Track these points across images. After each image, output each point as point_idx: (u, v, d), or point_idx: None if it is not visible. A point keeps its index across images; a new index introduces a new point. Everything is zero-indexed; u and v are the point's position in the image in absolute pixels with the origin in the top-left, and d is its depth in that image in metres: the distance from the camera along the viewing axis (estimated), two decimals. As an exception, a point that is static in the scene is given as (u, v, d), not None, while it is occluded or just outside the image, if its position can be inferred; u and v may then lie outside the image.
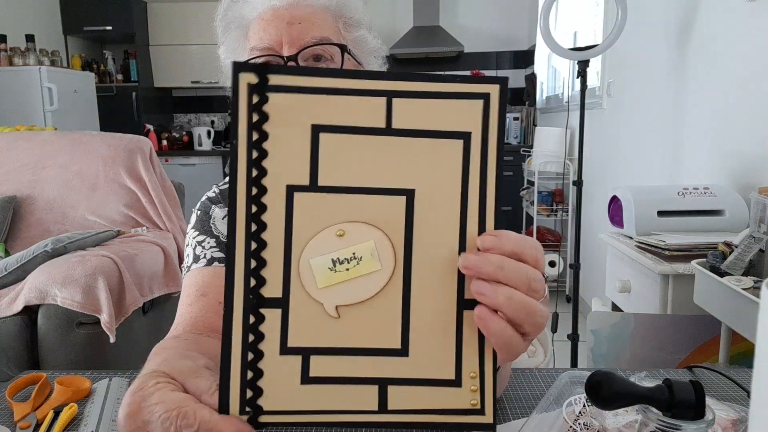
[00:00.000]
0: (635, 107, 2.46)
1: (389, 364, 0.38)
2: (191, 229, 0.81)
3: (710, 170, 1.79)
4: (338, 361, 0.38)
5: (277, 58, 0.71)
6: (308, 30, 0.72)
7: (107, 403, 0.66)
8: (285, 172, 0.37)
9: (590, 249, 2.99)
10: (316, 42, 0.72)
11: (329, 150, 0.37)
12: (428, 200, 0.37)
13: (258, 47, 0.72)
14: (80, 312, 1.67)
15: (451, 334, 0.38)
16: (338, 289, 0.37)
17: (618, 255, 1.59)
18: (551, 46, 2.12)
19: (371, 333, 0.38)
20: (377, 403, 0.38)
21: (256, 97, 0.37)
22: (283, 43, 0.71)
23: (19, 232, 2.18)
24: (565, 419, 0.54)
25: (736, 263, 1.08)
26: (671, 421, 0.45)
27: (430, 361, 0.38)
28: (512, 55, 4.94)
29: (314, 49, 0.72)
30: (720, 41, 1.74)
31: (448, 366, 0.38)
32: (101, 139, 2.35)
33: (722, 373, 0.72)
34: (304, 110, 0.37)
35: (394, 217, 0.37)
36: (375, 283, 0.37)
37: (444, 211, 0.37)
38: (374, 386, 0.38)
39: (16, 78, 3.57)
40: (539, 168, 3.48)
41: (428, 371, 0.38)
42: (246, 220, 0.37)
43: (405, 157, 0.37)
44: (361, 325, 0.38)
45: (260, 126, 0.37)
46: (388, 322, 0.38)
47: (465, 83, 0.37)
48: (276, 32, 0.72)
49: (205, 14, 4.83)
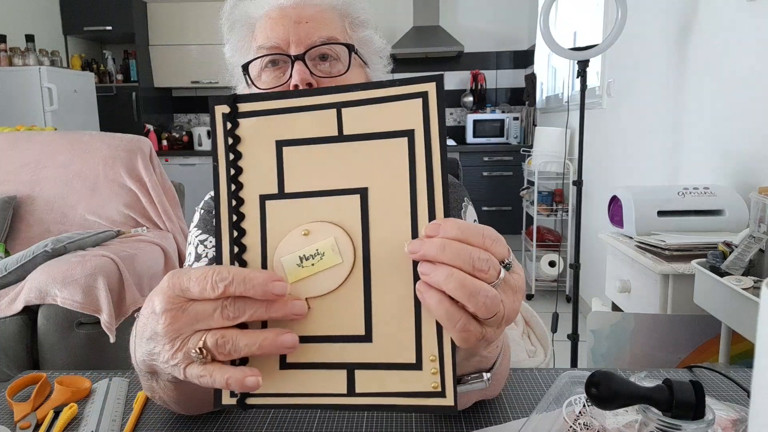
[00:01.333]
0: (635, 107, 2.45)
1: (355, 349, 0.41)
2: (194, 227, 0.81)
3: (710, 170, 1.79)
4: (310, 349, 0.42)
5: (285, 56, 0.71)
6: (316, 29, 0.72)
7: (107, 403, 0.66)
8: (258, 184, 0.43)
9: (590, 249, 2.99)
10: (324, 42, 0.72)
11: (292, 161, 0.43)
12: (381, 196, 0.41)
13: (265, 46, 0.72)
14: (80, 312, 1.67)
15: (410, 320, 0.40)
16: (306, 283, 0.42)
17: (618, 255, 1.59)
18: (551, 46, 2.12)
19: (338, 321, 0.42)
20: (346, 387, 0.41)
21: (230, 124, 0.44)
22: (290, 42, 0.71)
23: (19, 232, 2.18)
24: (565, 419, 0.54)
25: (736, 263, 1.08)
26: (671, 421, 0.45)
27: (392, 346, 0.41)
28: (512, 55, 4.94)
29: (321, 49, 0.72)
30: (720, 41, 1.74)
31: (409, 350, 0.41)
32: (101, 139, 2.35)
33: (722, 373, 0.72)
34: (268, 130, 0.43)
35: (351, 214, 0.41)
36: (338, 275, 0.41)
37: (396, 204, 0.41)
38: (343, 371, 0.42)
39: (16, 78, 3.57)
40: (539, 168, 3.48)
41: (391, 355, 0.41)
42: (228, 228, 0.43)
43: (357, 159, 0.41)
44: (328, 314, 0.42)
45: (234, 147, 0.44)
46: (352, 310, 0.41)
47: (403, 86, 0.40)
48: (283, 31, 0.72)
49: (205, 14, 4.84)
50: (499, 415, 0.63)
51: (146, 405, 0.67)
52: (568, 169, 3.31)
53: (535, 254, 3.49)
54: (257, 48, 0.73)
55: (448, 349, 0.40)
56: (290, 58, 0.71)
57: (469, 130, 4.57)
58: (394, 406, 0.41)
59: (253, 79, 0.73)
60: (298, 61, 0.71)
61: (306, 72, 0.70)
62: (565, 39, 3.28)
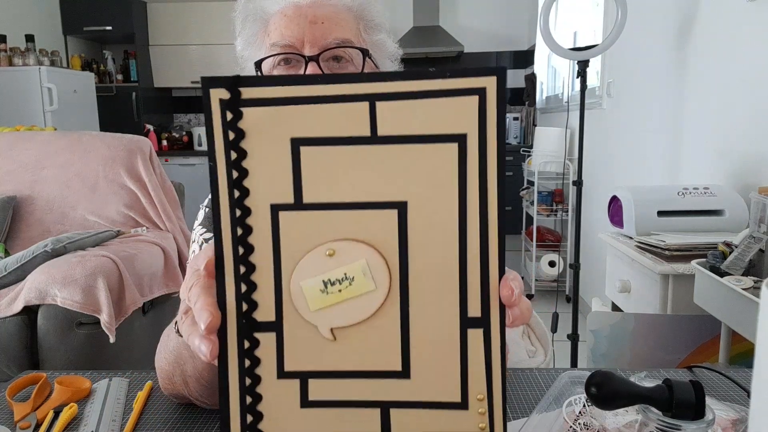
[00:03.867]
0: (635, 107, 2.45)
1: (390, 386, 0.36)
2: (198, 225, 0.81)
3: (710, 170, 1.79)
4: (337, 385, 0.36)
5: (298, 56, 0.71)
6: (331, 30, 0.72)
7: (107, 403, 0.66)
8: (268, 191, 0.36)
9: (590, 249, 2.99)
10: (339, 44, 0.71)
11: (311, 164, 0.35)
12: (423, 212, 0.35)
13: (279, 43, 0.71)
14: (80, 312, 1.67)
15: (455, 354, 0.36)
16: (332, 311, 0.36)
17: (618, 255, 1.59)
18: (551, 46, 2.12)
19: (370, 355, 0.36)
20: (380, 428, 0.36)
21: (230, 114, 0.35)
22: (304, 42, 0.71)
23: (19, 232, 2.18)
24: (565, 419, 0.54)
25: (736, 263, 1.08)
26: (671, 421, 0.45)
27: (434, 383, 0.36)
28: (512, 55, 4.94)
29: (335, 51, 0.72)
30: (720, 41, 1.74)
31: (453, 388, 0.36)
32: (101, 139, 2.35)
33: (722, 373, 0.72)
34: (281, 123, 0.35)
35: (387, 232, 0.35)
36: (370, 303, 0.36)
37: (440, 223, 0.35)
38: (376, 410, 0.36)
39: (16, 78, 3.56)
40: (539, 168, 3.48)
41: (432, 394, 0.36)
42: (232, 243, 0.36)
43: (394, 167, 0.34)
44: (358, 347, 0.36)
45: (237, 144, 0.35)
46: (386, 343, 0.36)
47: (456, 78, 0.33)
48: (298, 30, 0.71)
49: (205, 14, 4.84)
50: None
51: (146, 405, 0.67)
52: (568, 169, 3.31)
53: (535, 254, 3.49)
54: (271, 45, 0.72)
55: (498, 386, 0.35)
56: (304, 58, 0.71)
57: (469, 130, 4.56)
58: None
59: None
60: (312, 62, 0.70)
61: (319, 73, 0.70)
62: (565, 39, 3.28)
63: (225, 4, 4.81)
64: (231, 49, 0.84)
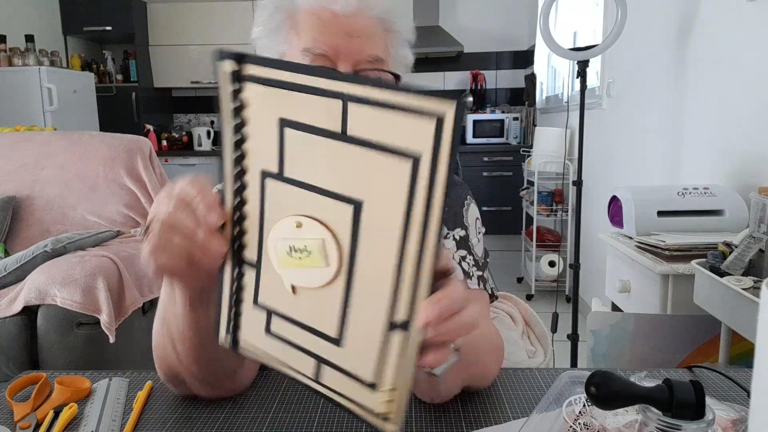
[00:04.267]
0: (635, 107, 2.46)
1: (326, 347, 0.44)
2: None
3: (710, 170, 1.79)
4: (291, 328, 0.45)
5: (330, 69, 0.71)
6: (365, 46, 0.72)
7: (107, 403, 0.66)
8: (260, 158, 0.43)
9: (590, 249, 2.99)
10: (371, 61, 0.72)
11: (293, 145, 0.41)
12: (374, 215, 0.39)
13: (313, 51, 0.70)
14: (80, 312, 1.67)
15: (377, 346, 0.41)
16: (293, 271, 0.43)
17: (618, 255, 1.59)
18: (551, 46, 2.12)
19: (317, 316, 0.44)
20: (313, 373, 0.45)
21: (236, 84, 0.42)
22: (339, 54, 0.70)
23: (18, 232, 2.18)
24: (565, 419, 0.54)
25: (736, 263, 1.08)
26: (671, 421, 0.45)
27: (357, 359, 0.42)
28: (512, 55, 4.94)
29: (368, 73, 0.72)
30: (720, 41, 1.74)
31: (370, 370, 0.42)
32: (101, 139, 2.35)
33: (722, 373, 0.72)
34: (273, 103, 0.41)
35: (343, 222, 0.40)
36: (322, 276, 0.42)
37: (387, 229, 0.38)
38: (312, 359, 0.45)
39: (16, 78, 3.56)
40: (539, 168, 3.48)
41: (354, 367, 0.43)
42: (232, 194, 0.45)
43: (357, 167, 0.39)
44: (310, 306, 0.44)
45: (240, 112, 0.42)
46: (330, 312, 0.43)
47: (419, 96, 0.35)
48: (335, 40, 0.70)
49: (205, 14, 4.84)
50: (499, 415, 0.63)
51: (146, 405, 0.67)
52: (567, 169, 3.31)
53: (534, 254, 3.49)
54: (303, 50, 0.71)
55: (407, 385, 0.41)
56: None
57: (469, 131, 4.57)
58: (348, 409, 0.44)
59: None
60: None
61: None
62: (565, 39, 3.29)
63: (225, 4, 4.81)
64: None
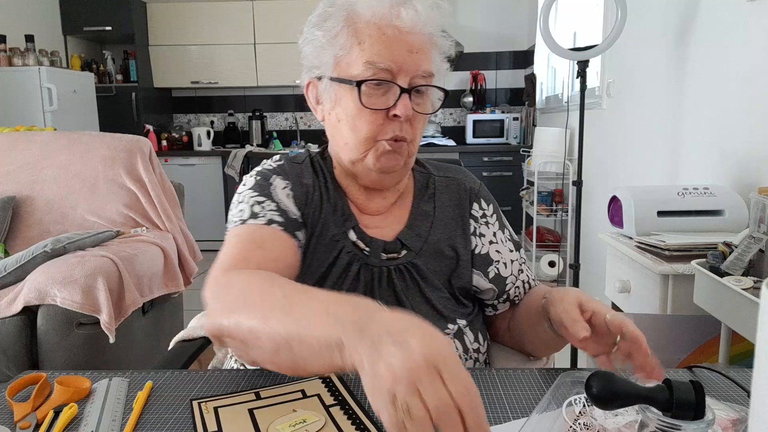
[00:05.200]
0: (635, 107, 2.46)
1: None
2: (248, 189, 0.85)
3: (710, 170, 1.79)
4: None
5: (393, 84, 0.77)
6: (422, 62, 0.78)
7: (107, 403, 0.66)
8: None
9: (590, 249, 2.99)
10: (425, 80, 0.79)
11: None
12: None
13: (377, 65, 0.76)
14: (80, 312, 1.67)
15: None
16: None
17: (618, 255, 1.59)
18: (551, 46, 2.12)
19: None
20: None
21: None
22: (401, 69, 0.77)
23: (18, 232, 2.18)
24: (565, 419, 0.54)
25: (736, 263, 1.08)
26: (671, 421, 0.45)
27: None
28: (512, 55, 4.94)
29: (421, 89, 0.79)
30: (720, 41, 1.74)
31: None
32: (101, 139, 2.35)
33: (722, 373, 0.72)
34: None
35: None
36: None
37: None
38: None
39: (16, 78, 3.56)
40: (539, 168, 3.48)
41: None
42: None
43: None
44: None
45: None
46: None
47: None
48: (399, 56, 0.77)
49: (205, 14, 4.83)
50: (499, 415, 0.63)
51: (146, 405, 0.67)
52: (567, 169, 3.31)
53: (534, 254, 3.49)
54: (366, 62, 0.76)
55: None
56: (400, 88, 0.77)
57: (469, 131, 4.57)
58: None
59: (363, 95, 0.78)
60: (405, 94, 0.77)
61: (410, 108, 0.77)
62: (565, 39, 3.28)
63: (225, 4, 4.81)
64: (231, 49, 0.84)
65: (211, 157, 4.72)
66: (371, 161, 0.81)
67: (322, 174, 0.89)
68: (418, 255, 0.87)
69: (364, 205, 0.89)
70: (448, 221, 0.91)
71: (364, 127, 0.79)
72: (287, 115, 5.27)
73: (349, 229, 0.86)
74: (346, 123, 0.81)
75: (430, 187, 0.94)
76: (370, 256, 0.85)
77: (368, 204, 0.89)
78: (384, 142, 0.80)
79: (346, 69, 0.79)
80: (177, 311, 2.34)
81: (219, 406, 0.65)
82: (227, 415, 0.63)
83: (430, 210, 0.91)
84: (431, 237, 0.89)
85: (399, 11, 0.76)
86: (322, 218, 0.85)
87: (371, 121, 0.79)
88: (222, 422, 0.61)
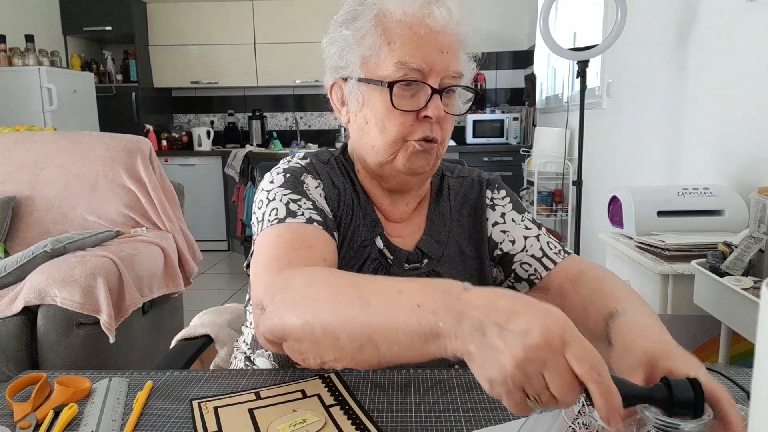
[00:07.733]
0: (635, 107, 2.46)
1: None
2: (279, 187, 0.81)
3: (710, 170, 1.79)
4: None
5: (424, 85, 0.76)
6: (451, 61, 0.77)
7: (107, 403, 0.66)
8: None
9: (590, 249, 2.99)
10: (455, 80, 0.78)
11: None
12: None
13: (408, 65, 0.75)
14: (80, 312, 1.67)
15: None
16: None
17: (618, 255, 1.59)
18: (551, 46, 2.13)
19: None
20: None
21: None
22: (432, 69, 0.75)
23: (18, 232, 2.18)
24: (565, 419, 0.54)
25: (736, 263, 1.08)
26: (670, 420, 0.45)
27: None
28: (512, 55, 4.94)
29: (451, 89, 0.79)
30: (720, 41, 1.74)
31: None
32: (101, 139, 2.35)
33: (722, 373, 0.72)
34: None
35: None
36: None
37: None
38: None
39: (16, 78, 3.56)
40: (539, 168, 3.48)
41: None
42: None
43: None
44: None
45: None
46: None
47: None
48: (430, 56, 0.75)
49: (205, 14, 4.83)
50: (499, 415, 0.63)
51: (146, 405, 0.67)
52: (567, 169, 3.31)
53: (534, 254, 3.48)
54: (398, 63, 0.75)
55: None
56: (432, 89, 0.76)
57: (469, 131, 4.57)
58: None
59: (394, 96, 0.76)
60: (437, 95, 0.76)
61: (441, 108, 0.76)
62: (565, 39, 3.28)
63: (225, 4, 4.81)
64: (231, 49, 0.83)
65: (211, 157, 4.73)
66: (401, 162, 0.79)
67: (347, 176, 0.87)
68: (440, 262, 0.86)
69: (388, 211, 0.87)
70: (465, 219, 0.90)
71: (393, 129, 0.78)
72: (287, 115, 5.27)
73: (376, 236, 0.84)
74: (374, 125, 0.79)
75: (444, 189, 0.92)
76: (392, 265, 0.84)
77: (392, 210, 0.87)
78: (414, 142, 0.78)
79: (375, 69, 0.77)
80: (177, 311, 2.34)
81: (219, 406, 0.65)
82: (227, 415, 0.63)
83: (446, 212, 0.90)
84: (450, 240, 0.88)
85: (431, 9, 0.75)
86: (354, 222, 0.83)
87: (401, 123, 0.77)
88: (222, 422, 0.61)
